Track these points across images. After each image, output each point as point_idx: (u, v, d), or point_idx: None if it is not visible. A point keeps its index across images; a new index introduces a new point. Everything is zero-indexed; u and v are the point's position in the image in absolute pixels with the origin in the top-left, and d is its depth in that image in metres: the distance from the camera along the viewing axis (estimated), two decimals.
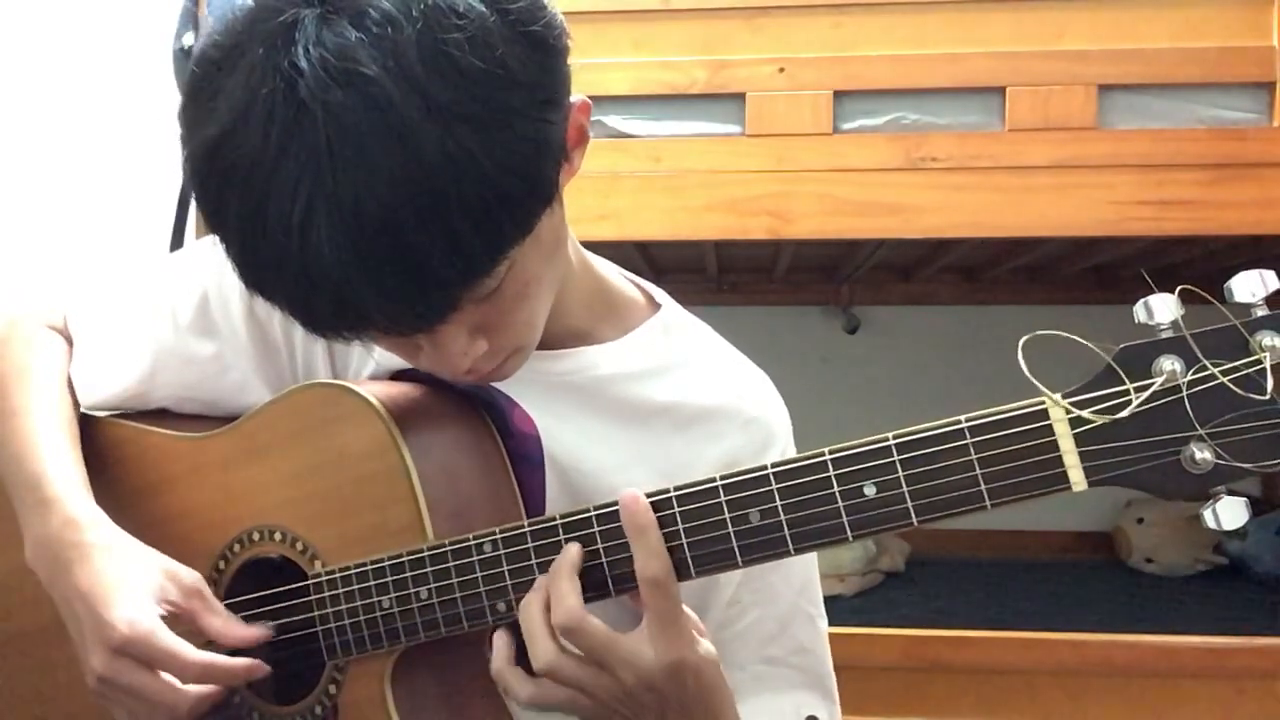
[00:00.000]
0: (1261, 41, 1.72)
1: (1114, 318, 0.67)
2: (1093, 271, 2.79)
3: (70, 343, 0.98)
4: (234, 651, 0.82)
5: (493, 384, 0.86)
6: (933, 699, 1.86)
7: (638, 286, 0.95)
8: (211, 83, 0.67)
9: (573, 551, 0.75)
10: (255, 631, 0.83)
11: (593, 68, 1.76)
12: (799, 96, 1.78)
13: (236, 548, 0.88)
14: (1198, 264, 2.43)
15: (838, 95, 1.77)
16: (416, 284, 0.65)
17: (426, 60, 0.63)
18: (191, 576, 0.83)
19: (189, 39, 1.77)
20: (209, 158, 0.66)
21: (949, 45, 1.78)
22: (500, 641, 0.77)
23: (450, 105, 0.62)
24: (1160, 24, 1.75)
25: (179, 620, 0.81)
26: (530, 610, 0.74)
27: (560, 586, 0.73)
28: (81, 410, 0.95)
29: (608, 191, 1.78)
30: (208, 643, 0.83)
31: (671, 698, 0.73)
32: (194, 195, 0.70)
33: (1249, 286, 0.63)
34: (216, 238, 0.71)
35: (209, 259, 0.95)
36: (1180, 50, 1.73)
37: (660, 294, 0.95)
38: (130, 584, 0.79)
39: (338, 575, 0.83)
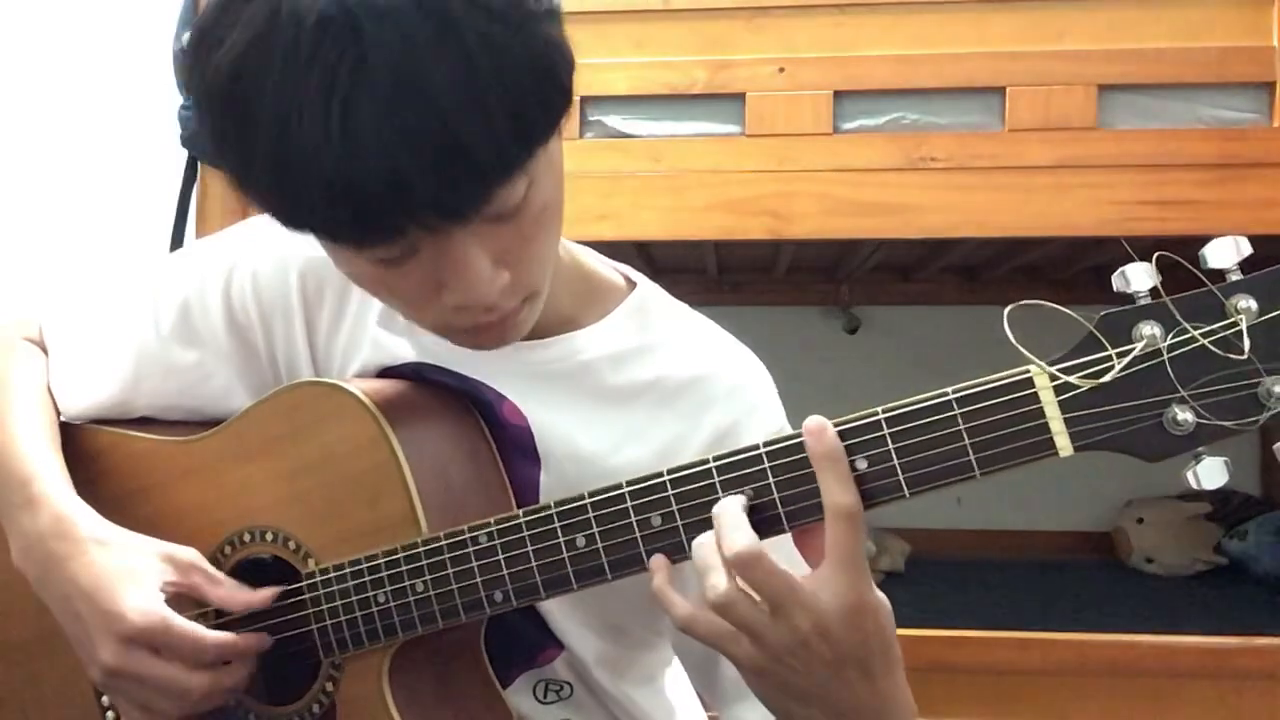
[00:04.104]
0: (1261, 41, 1.73)
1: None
2: (1093, 271, 2.78)
3: (47, 353, 0.98)
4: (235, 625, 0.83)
5: (479, 379, 0.86)
6: (933, 699, 1.86)
7: (615, 269, 0.95)
8: (225, 14, 0.67)
9: (734, 499, 0.72)
10: (260, 595, 0.83)
11: (593, 68, 1.76)
12: (799, 96, 1.78)
13: (228, 549, 0.87)
14: (1200, 265, 2.43)
15: (838, 95, 1.78)
16: (459, 163, 0.65)
17: None
18: (188, 554, 0.83)
19: (189, 39, 1.77)
20: (234, 72, 0.65)
21: (949, 45, 1.78)
22: (659, 561, 0.74)
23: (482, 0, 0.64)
24: (1160, 24, 1.75)
25: (183, 599, 0.81)
26: (704, 546, 0.71)
27: (733, 520, 0.70)
28: (62, 420, 0.94)
29: (608, 191, 1.78)
30: (200, 614, 0.84)
31: (849, 648, 0.69)
32: (213, 124, 0.69)
33: (1223, 253, 0.65)
34: (239, 169, 0.69)
35: (188, 267, 0.95)
36: (1180, 50, 1.73)
37: (636, 274, 0.95)
38: (132, 574, 0.80)
39: (332, 573, 0.83)
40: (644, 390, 0.88)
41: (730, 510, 0.71)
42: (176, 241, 1.83)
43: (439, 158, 0.65)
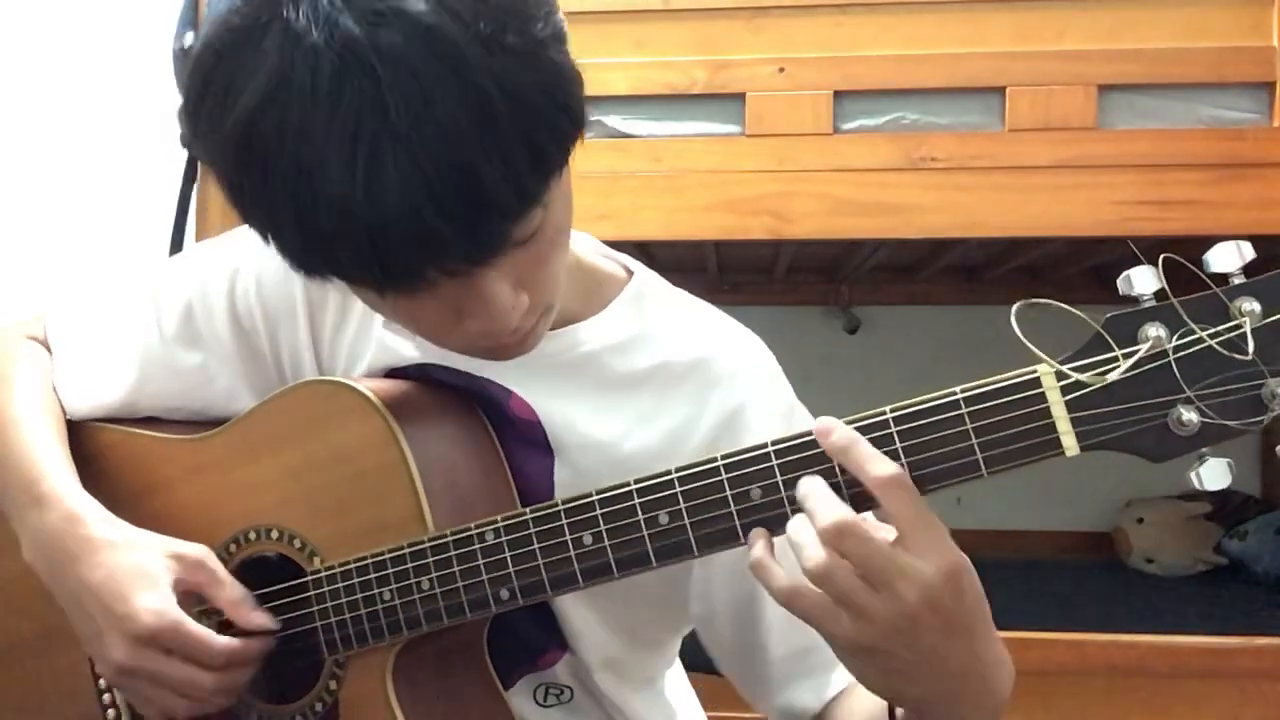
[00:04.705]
0: (1261, 41, 1.73)
1: None
2: (1093, 271, 2.78)
3: (51, 353, 0.98)
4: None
5: (486, 376, 0.86)
6: None
7: (612, 259, 0.95)
8: (232, 61, 0.66)
9: (816, 478, 0.70)
10: (262, 617, 0.83)
11: (593, 68, 1.74)
12: (799, 96, 1.78)
13: (233, 547, 0.87)
14: (1199, 265, 2.43)
15: (838, 95, 1.78)
16: (482, 210, 0.65)
17: None
18: (196, 551, 0.83)
19: (189, 39, 1.77)
20: (249, 128, 0.65)
21: (949, 45, 1.78)
22: (759, 532, 0.72)
23: (492, 35, 0.63)
24: (1160, 24, 1.75)
25: (189, 595, 0.82)
26: (797, 523, 0.69)
27: (821, 493, 0.69)
28: (67, 419, 0.94)
29: (608, 191, 1.78)
30: (202, 610, 0.84)
31: (957, 615, 0.67)
32: (229, 178, 0.68)
33: (1226, 258, 0.66)
34: (256, 219, 0.69)
35: (191, 270, 0.95)
36: (1180, 50, 1.74)
37: (633, 263, 0.95)
38: (144, 574, 0.80)
39: (337, 570, 0.83)
40: (648, 376, 0.88)
41: (817, 486, 0.69)
42: (176, 242, 1.82)
43: (463, 205, 0.64)
